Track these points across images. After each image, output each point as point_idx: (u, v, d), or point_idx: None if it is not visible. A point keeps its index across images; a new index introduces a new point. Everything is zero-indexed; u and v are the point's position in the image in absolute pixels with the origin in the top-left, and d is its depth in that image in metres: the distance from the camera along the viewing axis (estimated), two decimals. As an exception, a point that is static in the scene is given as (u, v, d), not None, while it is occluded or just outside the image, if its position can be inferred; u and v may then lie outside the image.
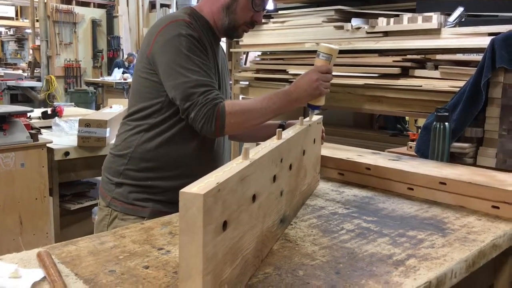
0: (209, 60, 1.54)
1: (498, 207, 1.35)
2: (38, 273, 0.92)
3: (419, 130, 2.34)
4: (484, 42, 2.28)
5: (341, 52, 3.10)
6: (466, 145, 2.09)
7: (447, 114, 1.87)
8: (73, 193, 3.20)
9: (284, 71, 3.41)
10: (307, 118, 1.50)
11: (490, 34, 2.43)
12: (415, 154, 2.15)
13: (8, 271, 0.90)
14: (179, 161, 1.57)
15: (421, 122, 2.93)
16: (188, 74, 1.44)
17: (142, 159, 1.57)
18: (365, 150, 1.91)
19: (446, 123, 1.86)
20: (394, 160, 1.72)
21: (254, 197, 0.93)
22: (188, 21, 1.51)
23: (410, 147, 2.41)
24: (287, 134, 1.23)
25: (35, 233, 2.75)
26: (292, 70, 3.33)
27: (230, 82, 4.22)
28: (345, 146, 2.00)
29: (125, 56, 11.05)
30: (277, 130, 1.17)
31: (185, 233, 0.73)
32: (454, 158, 2.04)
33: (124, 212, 1.58)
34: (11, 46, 18.02)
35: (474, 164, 2.01)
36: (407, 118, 4.13)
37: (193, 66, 1.46)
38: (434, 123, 1.89)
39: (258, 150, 1.01)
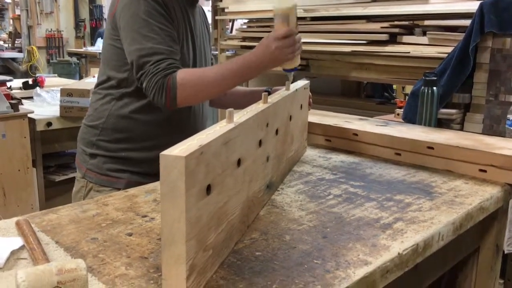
0: (173, 25, 1.44)
1: (485, 171, 1.34)
2: (16, 242, 0.89)
3: (407, 98, 2.32)
4: (473, 7, 2.25)
5: (329, 18, 3.06)
6: (453, 111, 2.08)
7: (435, 78, 1.85)
8: (57, 164, 3.15)
9: (271, 39, 3.35)
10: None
11: (479, -1, 2.39)
12: (402, 120, 2.14)
13: (-15, 240, 0.87)
14: (153, 131, 1.52)
15: (409, 89, 2.92)
16: (143, 41, 1.37)
17: (115, 129, 1.52)
18: (352, 116, 1.89)
19: (434, 88, 1.85)
20: (381, 125, 1.71)
21: (239, 162, 0.91)
22: None
23: (398, 114, 2.40)
24: (273, 98, 1.19)
25: (19, 204, 2.71)
26: (279, 38, 3.27)
27: (216, 52, 4.15)
28: (332, 112, 1.98)
29: (109, 26, 10.80)
30: (263, 94, 1.13)
31: (167, 198, 0.70)
32: (441, 124, 2.03)
33: (99, 183, 1.54)
34: (-9, 17, 17.53)
35: (461, 130, 2.00)
36: (394, 86, 4.12)
37: (149, 32, 1.37)
38: (422, 88, 1.87)
39: (243, 114, 0.98)
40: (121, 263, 0.85)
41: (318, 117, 1.81)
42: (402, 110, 2.27)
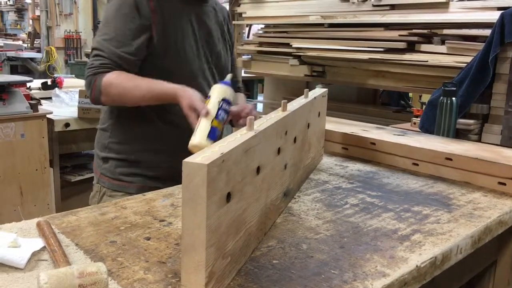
0: (147, 28, 1.42)
1: (504, 184, 1.33)
2: (37, 243, 0.91)
3: (424, 106, 2.31)
4: (493, 16, 2.23)
5: (346, 25, 3.05)
6: (471, 121, 2.06)
7: (454, 89, 1.84)
8: (73, 164, 3.19)
9: (288, 45, 3.35)
10: None
11: (499, 9, 2.38)
12: (419, 130, 2.13)
13: (7, 241, 0.88)
14: (157, 131, 1.50)
15: (426, 98, 2.90)
16: (99, 38, 1.43)
17: (123, 129, 1.52)
18: (370, 125, 1.89)
19: (453, 98, 1.83)
20: (399, 135, 1.70)
21: (258, 169, 0.91)
22: None
23: (414, 123, 2.38)
24: (292, 106, 1.20)
25: (36, 204, 2.74)
26: (296, 44, 3.28)
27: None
28: (350, 120, 1.98)
29: (126, 28, 10.90)
30: (282, 102, 1.14)
31: (188, 204, 0.71)
32: (459, 135, 2.01)
33: (111, 188, 1.53)
34: (11, 17, 17.79)
35: (478, 141, 1.99)
36: (410, 94, 4.09)
37: (108, 30, 1.42)
38: (441, 98, 1.86)
39: (263, 122, 0.99)
40: (140, 267, 0.86)
41: (334, 124, 1.81)
42: (418, 119, 2.26)
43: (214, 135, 1.22)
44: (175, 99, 1.33)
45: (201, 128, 1.21)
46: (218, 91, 1.29)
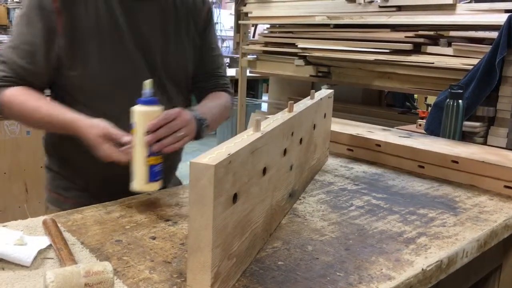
0: (52, 32, 1.19)
1: (511, 187, 1.32)
2: (43, 241, 0.91)
3: (429, 108, 2.30)
4: (501, 19, 2.22)
5: (352, 26, 3.05)
6: (477, 124, 2.05)
7: (461, 91, 1.83)
8: (78, 162, 3.19)
9: (293, 45, 3.35)
10: None
11: (507, 11, 2.37)
12: (425, 132, 2.12)
13: (13, 238, 0.89)
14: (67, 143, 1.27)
15: (431, 100, 2.89)
16: (6, 45, 1.24)
17: (46, 136, 1.40)
18: (375, 126, 1.88)
19: (460, 101, 1.83)
20: (404, 137, 1.69)
21: (264, 170, 0.91)
22: None
23: (420, 125, 2.37)
24: (298, 107, 1.20)
25: (40, 201, 2.75)
26: (301, 44, 3.27)
27: (237, 55, 4.16)
28: (355, 122, 1.97)
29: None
30: (289, 102, 1.14)
31: (195, 205, 0.71)
32: (465, 137, 2.00)
33: (50, 202, 1.40)
34: (17, 14, 17.86)
35: (484, 144, 1.98)
36: (415, 96, 4.08)
37: (14, 37, 1.23)
38: (448, 100, 1.85)
39: (269, 122, 0.99)
40: (145, 267, 0.86)
41: (340, 126, 1.80)
42: (424, 120, 2.25)
43: (155, 175, 1.05)
44: (76, 131, 1.13)
45: (137, 171, 1.04)
46: (142, 117, 1.04)
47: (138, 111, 1.04)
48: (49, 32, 1.20)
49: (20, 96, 1.21)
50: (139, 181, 1.05)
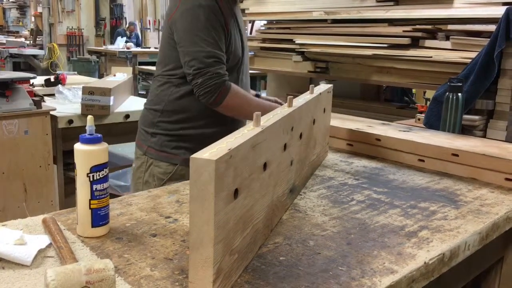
0: (225, 31, 1.60)
1: (511, 180, 1.32)
2: (43, 240, 0.90)
3: (428, 102, 2.30)
4: (498, 11, 2.21)
5: (350, 21, 3.04)
6: (476, 117, 2.05)
7: (460, 84, 1.83)
8: (77, 161, 3.18)
9: (291, 41, 3.34)
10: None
11: (504, 4, 2.36)
12: (424, 126, 2.12)
13: (13, 238, 0.88)
14: (207, 111, 1.64)
15: (430, 94, 2.89)
16: (203, 44, 1.54)
17: (174, 111, 1.67)
18: (375, 121, 1.88)
19: (459, 94, 1.82)
20: (404, 131, 1.69)
21: (265, 165, 0.91)
22: None
23: (419, 119, 2.37)
24: (298, 102, 1.19)
25: (39, 200, 2.74)
26: (299, 40, 3.26)
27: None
28: (354, 116, 1.97)
29: (127, 25, 10.89)
30: (288, 97, 1.13)
31: (196, 200, 0.70)
32: (464, 131, 2.00)
33: (158, 159, 1.70)
34: (13, 14, 17.78)
35: (484, 137, 1.97)
36: (414, 91, 4.07)
37: (208, 37, 1.55)
38: (447, 93, 1.85)
39: (269, 117, 0.98)
40: (146, 264, 0.86)
41: (339, 121, 1.80)
42: (423, 115, 2.25)
43: (99, 220, 0.97)
44: None
45: (80, 216, 0.96)
46: (83, 158, 0.95)
47: (80, 150, 0.94)
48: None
49: (242, 91, 1.66)
50: (82, 226, 0.97)
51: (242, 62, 1.74)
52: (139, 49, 9.54)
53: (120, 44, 9.50)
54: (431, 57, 2.57)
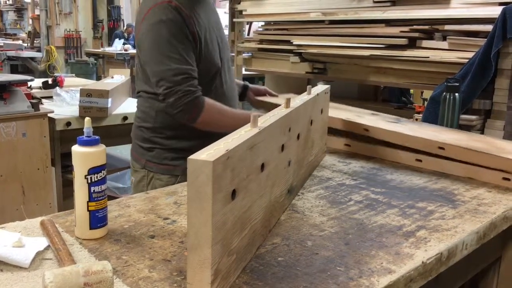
0: (192, 43, 1.54)
1: (508, 179, 1.32)
2: (42, 242, 0.90)
3: (425, 102, 2.30)
4: (495, 11, 2.22)
5: (347, 22, 3.04)
6: (473, 117, 2.06)
7: (457, 84, 1.83)
8: (75, 163, 3.17)
9: (288, 42, 3.34)
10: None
11: (501, 4, 2.36)
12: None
13: (11, 240, 0.88)
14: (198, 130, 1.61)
15: (427, 94, 2.89)
16: (169, 62, 1.49)
17: (164, 127, 1.64)
18: (365, 111, 1.89)
19: (456, 94, 1.83)
20: (393, 122, 1.70)
21: (262, 166, 0.91)
22: (168, 1, 1.50)
23: (416, 119, 2.38)
24: (295, 103, 1.19)
25: (38, 203, 2.74)
26: (297, 41, 3.26)
27: (233, 54, 4.16)
28: (347, 106, 1.98)
29: (125, 27, 10.90)
30: (286, 98, 1.13)
31: (194, 201, 0.70)
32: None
33: (159, 172, 1.67)
34: (10, 16, 17.76)
35: (481, 137, 1.98)
36: (412, 91, 4.08)
37: (173, 53, 1.49)
38: (444, 93, 1.86)
39: (267, 118, 0.98)
40: (145, 266, 0.86)
41: (332, 110, 1.81)
42: (421, 115, 2.25)
43: (98, 221, 0.97)
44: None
45: (78, 218, 0.96)
46: (82, 159, 0.95)
47: (78, 152, 0.94)
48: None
49: (217, 104, 1.59)
50: (80, 228, 0.97)
51: (222, 64, 1.69)
52: (137, 51, 9.52)
53: (118, 46, 9.50)
54: (428, 57, 2.57)
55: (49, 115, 2.76)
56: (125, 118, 3.02)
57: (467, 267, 1.22)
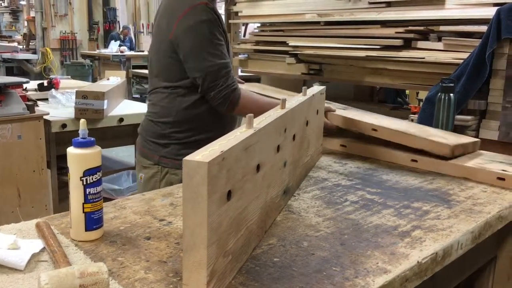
0: (225, 39, 1.69)
1: (503, 179, 1.33)
2: (37, 244, 0.90)
3: (421, 103, 2.31)
4: (490, 12, 2.23)
5: (343, 23, 3.05)
6: (468, 117, 2.06)
7: (452, 85, 1.84)
8: (71, 166, 3.17)
9: (284, 43, 3.35)
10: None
11: (495, 4, 2.38)
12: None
13: (6, 242, 0.88)
14: (216, 115, 1.72)
15: (423, 95, 2.90)
16: (212, 58, 1.62)
17: (184, 121, 1.71)
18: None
19: (451, 94, 1.83)
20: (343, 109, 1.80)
21: (258, 167, 0.91)
22: (205, 3, 1.62)
23: (412, 120, 2.38)
24: (291, 103, 1.19)
25: (33, 205, 2.73)
26: (292, 42, 3.27)
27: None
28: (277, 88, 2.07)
29: (121, 29, 10.88)
30: (281, 99, 1.14)
31: (189, 203, 0.70)
32: (457, 131, 2.01)
33: (174, 167, 1.72)
34: (6, 18, 17.72)
35: (476, 137, 1.99)
36: (407, 91, 4.09)
37: (215, 50, 1.62)
38: (439, 94, 1.86)
39: (262, 119, 0.99)
40: (140, 267, 0.86)
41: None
42: (416, 116, 2.26)
43: (93, 223, 0.96)
44: None
45: (74, 219, 0.96)
46: (77, 160, 0.94)
47: (73, 153, 0.94)
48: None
49: (252, 94, 1.76)
50: (75, 230, 0.96)
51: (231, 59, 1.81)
52: (132, 52, 9.53)
53: (113, 48, 9.49)
54: (424, 58, 2.58)
55: (44, 117, 2.75)
56: (121, 119, 3.02)
57: (463, 267, 1.22)
